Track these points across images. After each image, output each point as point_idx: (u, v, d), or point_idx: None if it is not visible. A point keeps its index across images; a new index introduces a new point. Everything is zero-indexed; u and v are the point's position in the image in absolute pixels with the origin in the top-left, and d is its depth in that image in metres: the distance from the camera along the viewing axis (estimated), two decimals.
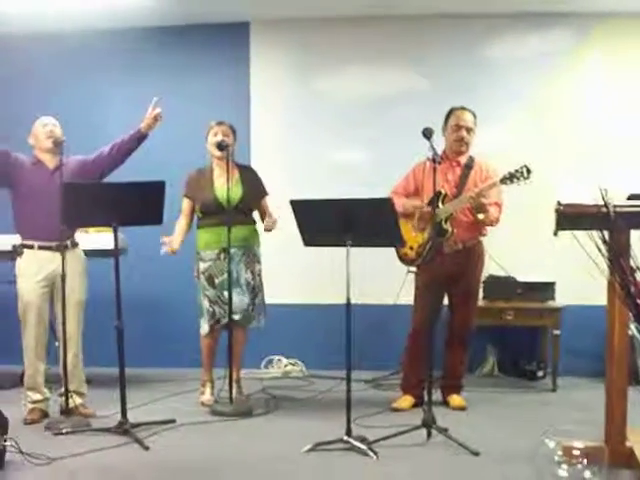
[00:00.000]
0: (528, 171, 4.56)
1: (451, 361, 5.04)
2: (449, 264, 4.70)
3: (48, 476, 3.58)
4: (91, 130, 5.94)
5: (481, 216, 4.75)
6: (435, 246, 4.70)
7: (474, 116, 4.97)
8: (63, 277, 4.43)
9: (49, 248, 4.55)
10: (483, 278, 5.67)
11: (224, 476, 3.58)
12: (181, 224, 5.08)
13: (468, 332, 5.04)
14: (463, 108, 4.96)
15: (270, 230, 4.92)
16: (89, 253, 4.99)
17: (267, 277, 5.26)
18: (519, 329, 5.97)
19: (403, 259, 5.02)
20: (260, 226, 5.08)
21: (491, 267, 5.66)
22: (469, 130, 4.93)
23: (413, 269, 5.05)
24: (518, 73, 6.11)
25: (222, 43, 6.42)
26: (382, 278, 5.57)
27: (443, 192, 4.78)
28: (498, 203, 4.84)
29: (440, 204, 4.74)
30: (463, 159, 4.97)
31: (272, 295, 5.54)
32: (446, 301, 5.03)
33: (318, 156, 6.36)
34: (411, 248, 4.90)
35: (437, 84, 6.18)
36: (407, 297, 5.08)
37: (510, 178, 4.60)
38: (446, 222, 4.78)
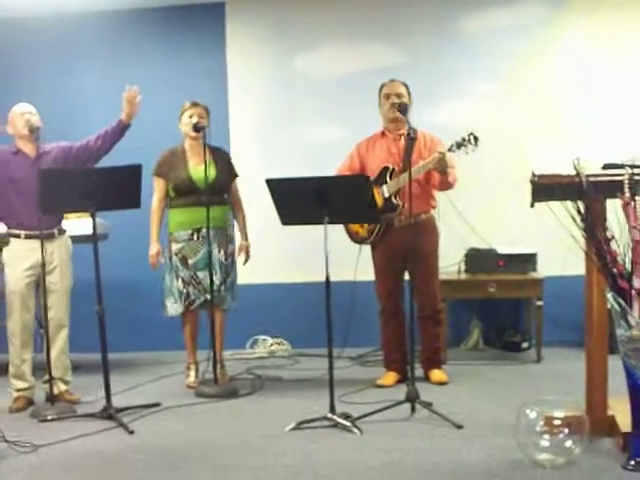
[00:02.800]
0: (475, 138, 4.53)
1: (426, 337, 4.97)
2: (401, 239, 4.62)
3: (34, 463, 3.58)
4: (68, 113, 5.91)
5: (449, 170, 4.68)
6: (385, 222, 4.71)
7: (405, 85, 4.92)
8: (43, 264, 4.43)
9: (36, 237, 4.51)
10: (464, 251, 5.72)
11: (209, 457, 3.59)
12: (156, 214, 5.03)
13: (435, 307, 4.96)
14: (391, 80, 4.94)
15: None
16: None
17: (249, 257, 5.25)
18: (502, 301, 6.01)
19: (354, 238, 4.98)
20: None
21: (472, 240, 5.69)
22: (399, 95, 4.85)
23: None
24: (494, 46, 6.08)
25: (198, 24, 6.37)
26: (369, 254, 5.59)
27: (390, 167, 4.77)
28: (454, 165, 4.76)
29: (388, 179, 4.75)
30: (403, 131, 4.85)
31: (255, 275, 5.53)
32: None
33: (297, 135, 6.34)
34: (361, 226, 4.88)
35: (414, 59, 6.14)
36: None
37: (458, 146, 4.56)
38: (395, 197, 4.76)
